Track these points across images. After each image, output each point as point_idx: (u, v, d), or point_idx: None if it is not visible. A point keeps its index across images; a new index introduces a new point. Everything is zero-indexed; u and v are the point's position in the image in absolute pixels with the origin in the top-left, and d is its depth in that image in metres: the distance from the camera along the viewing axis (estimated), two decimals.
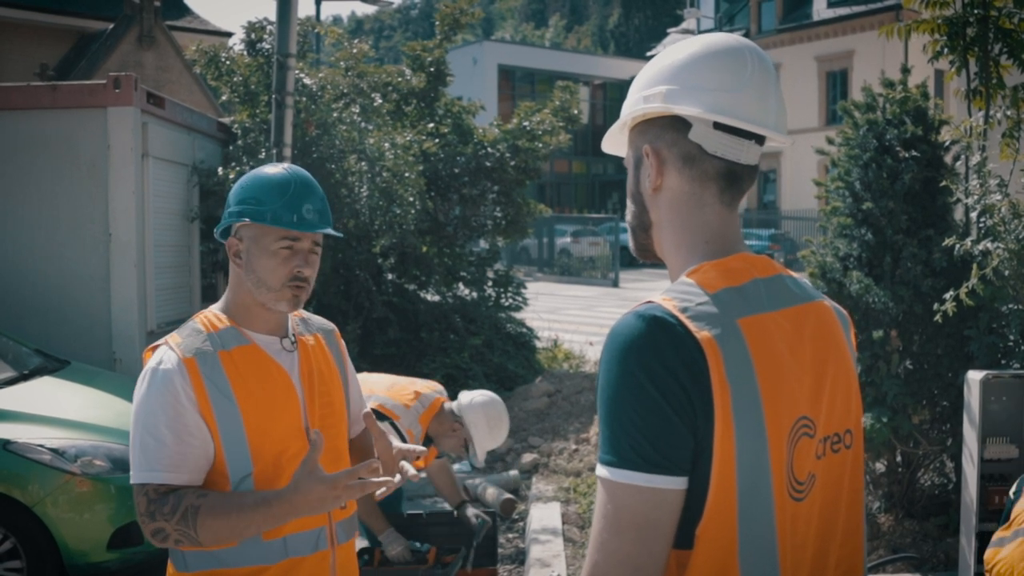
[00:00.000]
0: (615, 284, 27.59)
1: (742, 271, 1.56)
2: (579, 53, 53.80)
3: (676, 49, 1.65)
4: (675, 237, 1.63)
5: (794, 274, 1.69)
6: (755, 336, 1.48)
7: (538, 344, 11.02)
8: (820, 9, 36.42)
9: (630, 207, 1.72)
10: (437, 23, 10.50)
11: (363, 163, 8.58)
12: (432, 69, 10.20)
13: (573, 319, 16.41)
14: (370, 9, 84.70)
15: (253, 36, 9.32)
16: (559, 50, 53.20)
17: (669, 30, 41.60)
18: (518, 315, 11.02)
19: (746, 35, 37.58)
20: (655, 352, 1.41)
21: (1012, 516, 3.64)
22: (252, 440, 2.24)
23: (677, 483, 1.40)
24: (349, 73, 9.69)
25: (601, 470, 1.42)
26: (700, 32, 36.03)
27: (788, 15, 37.73)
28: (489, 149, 9.89)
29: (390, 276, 9.64)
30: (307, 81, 8.85)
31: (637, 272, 31.73)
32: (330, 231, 2.38)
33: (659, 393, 1.39)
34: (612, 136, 1.75)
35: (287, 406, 2.31)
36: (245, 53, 9.44)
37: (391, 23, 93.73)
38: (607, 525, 1.40)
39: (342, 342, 2.63)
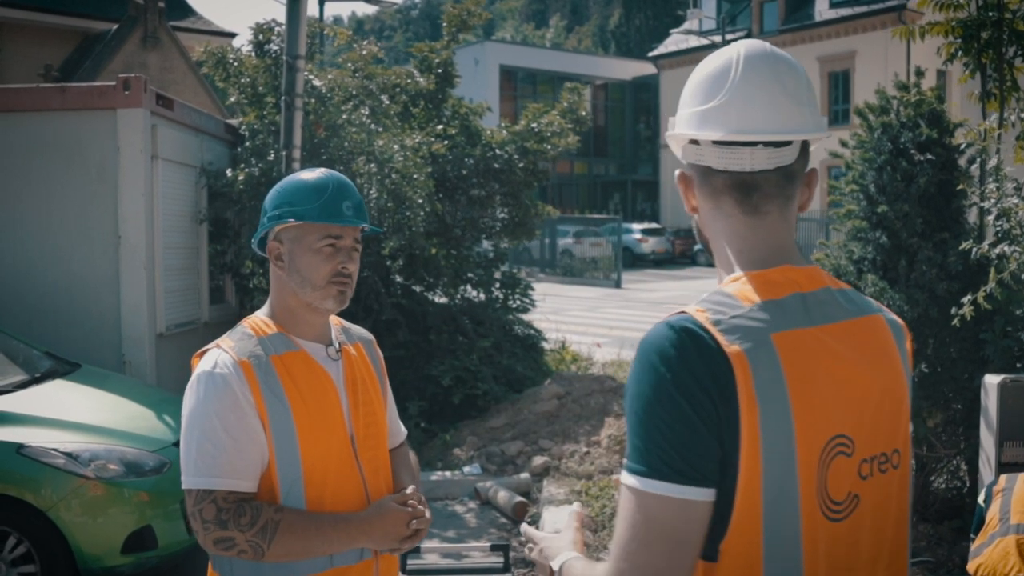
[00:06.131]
0: (618, 285, 27.57)
1: (783, 284, 1.55)
2: (581, 54, 53.78)
3: (694, 70, 1.70)
4: (716, 249, 1.67)
5: (845, 286, 1.67)
6: (789, 352, 1.47)
7: (545, 346, 11.00)
8: (822, 10, 36.38)
9: (693, 225, 1.76)
10: (444, 24, 10.48)
11: (372, 165, 8.56)
12: (440, 70, 10.19)
13: (577, 320, 16.40)
14: (371, 9, 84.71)
15: (261, 37, 9.30)
16: (561, 51, 53.19)
17: (672, 31, 41.58)
18: (525, 317, 11.01)
19: (748, 36, 37.64)
20: (684, 364, 1.41)
21: (986, 521, 3.65)
22: (303, 447, 2.24)
23: (705, 494, 1.40)
24: (357, 74, 9.67)
25: (629, 479, 1.42)
26: (702, 33, 36.12)
27: (790, 15, 37.71)
28: (497, 151, 9.87)
29: (398, 278, 9.62)
30: (316, 83, 8.84)
31: (640, 273, 31.74)
32: (369, 226, 2.42)
33: (688, 405, 1.39)
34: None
35: (334, 414, 2.32)
36: (253, 54, 9.42)
37: (392, 23, 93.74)
38: (635, 535, 1.40)
39: (380, 352, 2.63)
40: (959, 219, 5.94)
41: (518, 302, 10.69)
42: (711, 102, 1.59)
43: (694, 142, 1.62)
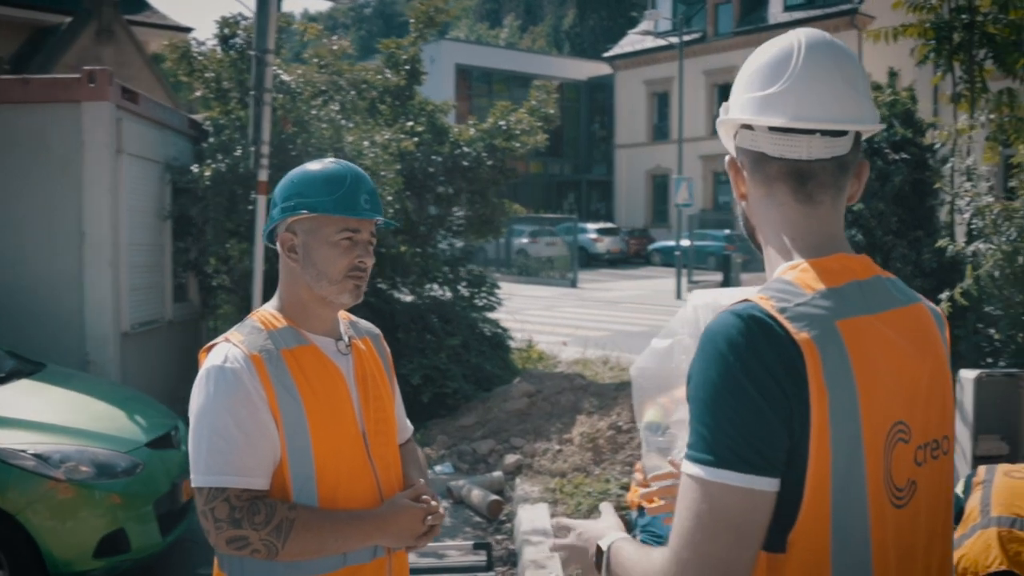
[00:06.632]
0: (574, 284, 27.65)
1: (840, 272, 1.55)
2: (537, 53, 53.82)
3: (751, 55, 1.70)
4: (766, 237, 1.66)
5: (891, 275, 1.68)
6: (853, 339, 1.47)
7: (511, 344, 10.98)
8: (776, 12, 36.77)
9: (739, 212, 1.75)
10: (412, 21, 10.41)
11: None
12: (408, 67, 10.12)
13: (535, 319, 16.40)
14: (324, 6, 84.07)
15: (227, 31, 9.15)
16: (517, 50, 53.20)
17: (629, 31, 41.75)
18: (489, 316, 10.98)
19: (702, 38, 37.93)
20: (754, 352, 1.40)
21: (966, 512, 3.70)
22: (316, 443, 2.19)
23: (772, 484, 1.39)
24: (323, 70, 9.56)
25: (694, 468, 1.40)
26: (658, 34, 36.33)
27: (745, 18, 38.07)
28: (466, 148, 9.82)
29: None
30: (285, 78, 8.72)
31: (595, 273, 31.86)
32: (384, 220, 2.37)
33: (758, 393, 1.38)
34: (727, 145, 1.77)
35: (345, 409, 2.27)
36: (218, 49, 9.26)
37: (344, 21, 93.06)
38: (700, 525, 1.38)
39: (387, 347, 2.58)
40: (931, 217, 6.02)
41: (485, 300, 10.65)
42: (771, 88, 1.57)
43: (747, 128, 1.61)
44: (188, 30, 17.63)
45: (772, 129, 1.57)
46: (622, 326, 17.58)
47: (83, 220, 7.46)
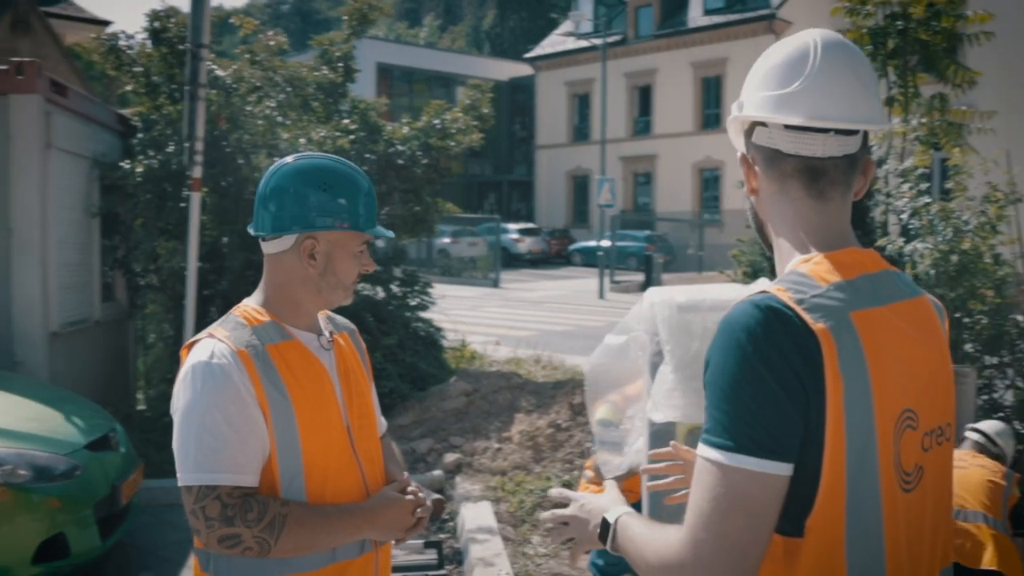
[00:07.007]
0: (496, 285, 27.69)
1: (852, 265, 1.61)
2: (458, 53, 53.77)
3: (763, 54, 1.75)
4: (776, 232, 1.72)
5: (897, 269, 1.75)
6: (866, 330, 1.53)
7: (444, 344, 10.96)
8: (696, 16, 37.39)
9: (748, 207, 1.81)
10: (346, 18, 10.30)
11: (276, 159, 8.34)
12: (341, 64, 10.02)
13: (461, 319, 16.41)
14: (240, 2, 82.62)
15: (157, 25, 8.94)
16: (438, 50, 53.08)
17: (553, 32, 41.96)
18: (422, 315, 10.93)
19: (623, 40, 38.34)
20: (772, 341, 1.46)
21: None
22: (304, 439, 2.18)
23: (787, 469, 1.45)
24: (255, 66, 9.42)
25: (713, 453, 1.46)
26: (579, 35, 36.62)
27: (665, 21, 38.61)
28: (400, 147, 9.77)
29: None
30: (220, 73, 8.56)
31: (517, 273, 31.97)
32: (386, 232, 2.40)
33: (775, 382, 1.44)
34: (735, 142, 1.82)
35: (330, 405, 2.26)
36: (148, 43, 9.05)
37: (260, 17, 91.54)
38: (716, 507, 1.44)
39: (363, 342, 2.58)
40: (864, 217, 6.20)
41: (418, 300, 10.61)
42: (788, 87, 1.62)
43: (761, 125, 1.66)
44: (106, 23, 17.14)
45: (788, 127, 1.62)
46: (548, 326, 17.69)
47: (11, 216, 7.22)
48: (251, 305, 2.30)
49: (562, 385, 8.88)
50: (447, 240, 30.98)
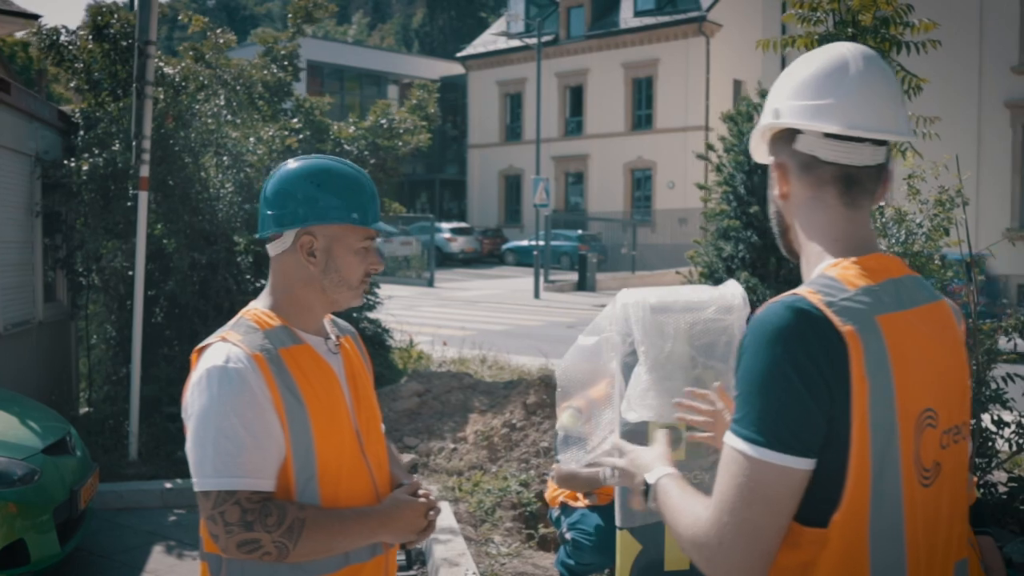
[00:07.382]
0: (431, 284, 27.69)
1: (878, 271, 1.69)
2: (389, 52, 53.51)
3: (794, 64, 1.81)
4: (806, 237, 1.78)
5: (916, 274, 1.83)
6: (891, 333, 1.61)
7: (391, 344, 10.94)
8: (627, 18, 37.76)
9: (772, 211, 1.87)
10: (290, 15, 10.21)
11: (224, 158, 8.25)
12: (286, 63, 9.93)
13: (398, 319, 16.39)
14: None
15: (100, 20, 8.74)
16: (369, 48, 52.75)
17: (487, 31, 42.01)
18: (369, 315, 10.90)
19: (555, 41, 38.57)
20: (801, 342, 1.54)
21: None
22: (319, 443, 2.18)
23: (807, 464, 1.54)
24: (200, 63, 9.28)
25: (742, 444, 1.55)
26: (511, 35, 36.74)
27: (596, 22, 38.92)
28: (347, 147, 9.72)
29: (248, 276, 9.30)
30: (168, 70, 8.42)
31: (450, 272, 31.99)
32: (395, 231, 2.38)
33: (801, 382, 1.52)
34: (756, 148, 1.88)
35: (341, 408, 2.27)
36: (90, 38, 8.85)
37: (187, 12, 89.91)
38: (740, 495, 1.54)
39: (364, 344, 2.59)
40: None
41: (365, 299, 10.57)
42: (828, 98, 1.69)
43: (796, 132, 1.73)
44: (35, 17, 16.67)
45: (827, 135, 1.69)
46: (486, 325, 17.74)
47: None
48: (260, 308, 2.29)
49: (514, 385, 8.93)
50: (379, 239, 30.83)
